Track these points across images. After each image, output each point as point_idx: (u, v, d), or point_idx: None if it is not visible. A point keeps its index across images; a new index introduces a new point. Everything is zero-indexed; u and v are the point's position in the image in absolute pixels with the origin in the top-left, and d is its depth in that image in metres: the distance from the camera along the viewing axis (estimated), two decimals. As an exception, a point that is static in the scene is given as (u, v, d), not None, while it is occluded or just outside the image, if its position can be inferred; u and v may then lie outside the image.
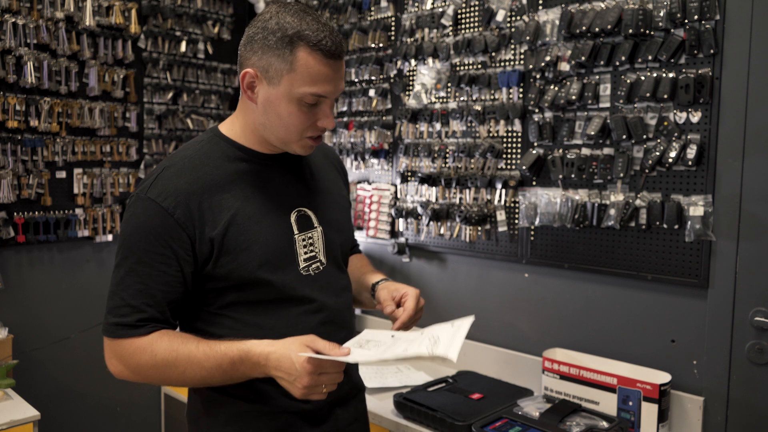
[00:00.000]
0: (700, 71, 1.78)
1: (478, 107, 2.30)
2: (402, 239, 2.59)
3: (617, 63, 1.91)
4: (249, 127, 1.29)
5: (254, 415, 1.28)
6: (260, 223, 1.25)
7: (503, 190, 2.25)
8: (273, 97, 1.22)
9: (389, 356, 1.12)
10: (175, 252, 1.19)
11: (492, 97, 2.29)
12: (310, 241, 1.31)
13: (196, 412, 1.34)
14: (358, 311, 2.71)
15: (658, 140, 1.85)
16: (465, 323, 1.22)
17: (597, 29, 1.93)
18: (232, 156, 1.28)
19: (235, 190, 1.25)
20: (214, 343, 1.18)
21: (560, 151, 2.09)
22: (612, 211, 1.94)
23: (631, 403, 1.82)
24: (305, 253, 1.30)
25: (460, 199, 2.38)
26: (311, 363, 1.10)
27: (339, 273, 1.40)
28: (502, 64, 2.25)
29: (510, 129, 2.24)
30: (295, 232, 1.29)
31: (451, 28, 2.39)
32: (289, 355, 1.12)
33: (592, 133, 1.96)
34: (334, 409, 1.36)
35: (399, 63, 2.58)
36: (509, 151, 2.25)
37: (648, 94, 1.84)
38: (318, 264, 1.32)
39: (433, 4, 2.46)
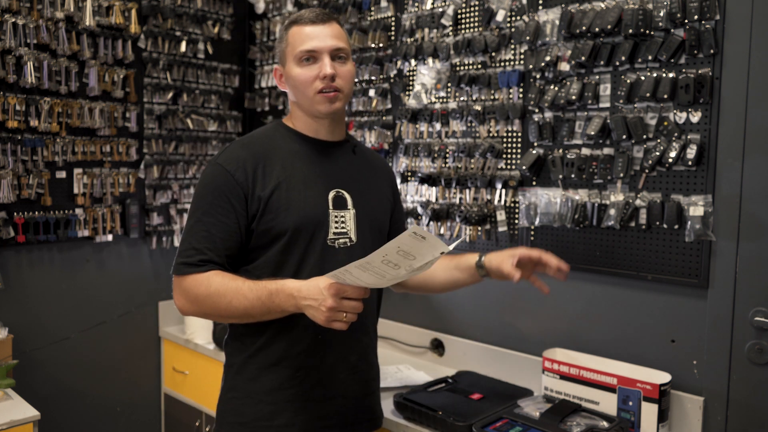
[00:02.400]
0: (700, 71, 1.78)
1: (478, 107, 2.30)
2: (402, 239, 2.59)
3: (617, 63, 1.91)
4: (296, 114, 1.59)
5: (261, 369, 1.51)
6: (301, 192, 1.50)
7: (503, 190, 2.25)
8: (287, 72, 1.55)
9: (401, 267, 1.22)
10: (233, 206, 1.46)
11: (492, 97, 2.29)
12: (343, 219, 1.54)
13: (225, 359, 1.62)
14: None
15: (658, 140, 1.85)
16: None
17: (597, 29, 1.93)
18: (288, 138, 1.57)
19: (286, 164, 1.52)
20: (258, 281, 1.40)
21: (560, 151, 2.09)
22: (612, 211, 1.94)
23: (631, 403, 1.82)
24: (336, 228, 1.53)
25: (460, 199, 2.38)
26: (334, 286, 1.29)
27: (365, 253, 1.52)
28: (502, 64, 2.25)
29: (510, 129, 2.24)
30: (330, 207, 1.53)
31: (451, 28, 2.39)
32: (317, 284, 1.32)
33: (592, 133, 1.96)
34: (338, 372, 1.55)
35: (399, 63, 2.58)
36: (509, 151, 2.25)
37: (648, 94, 1.84)
38: (346, 240, 1.54)
39: (433, 4, 2.46)
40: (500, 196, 2.26)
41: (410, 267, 1.23)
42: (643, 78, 1.87)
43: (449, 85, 2.41)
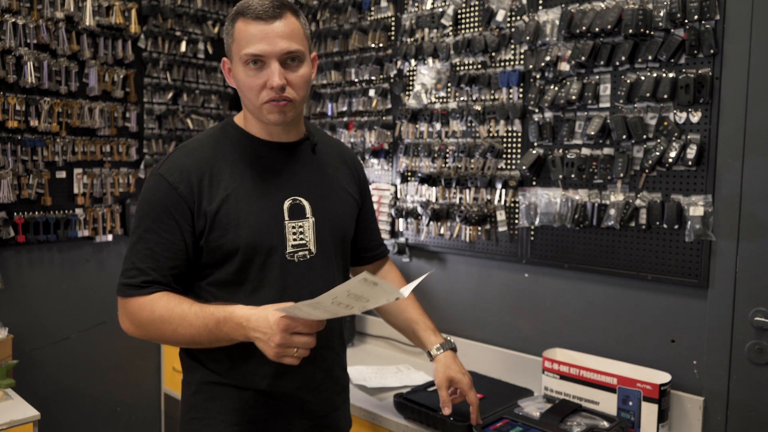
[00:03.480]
0: (700, 71, 1.78)
1: (478, 107, 2.30)
2: (402, 239, 2.59)
3: (617, 63, 1.91)
4: (247, 115, 1.43)
5: (222, 387, 1.41)
6: (252, 205, 1.36)
7: (503, 190, 2.25)
8: (234, 70, 1.37)
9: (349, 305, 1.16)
10: (178, 222, 1.33)
11: (492, 97, 2.29)
12: (301, 229, 1.41)
13: (183, 375, 1.50)
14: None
15: (658, 140, 1.85)
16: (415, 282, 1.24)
17: (597, 29, 1.93)
18: (237, 141, 1.41)
19: (235, 171, 1.37)
20: (206, 306, 1.29)
21: (560, 151, 2.09)
22: (612, 211, 1.94)
23: (631, 403, 1.82)
24: (294, 240, 1.40)
25: (460, 199, 2.38)
26: (284, 320, 1.18)
27: (327, 264, 1.48)
28: (502, 64, 2.25)
29: (510, 129, 2.24)
30: (286, 218, 1.39)
31: (451, 28, 2.39)
32: (266, 316, 1.21)
33: (592, 133, 1.97)
34: (303, 393, 1.45)
35: (399, 63, 2.58)
36: (509, 151, 2.25)
37: (648, 94, 1.84)
38: (306, 252, 1.42)
39: (433, 4, 2.46)
40: (500, 196, 2.26)
41: (363, 307, 1.17)
42: (643, 78, 1.87)
43: (449, 85, 2.41)
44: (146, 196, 1.36)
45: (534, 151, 2.14)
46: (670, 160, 1.81)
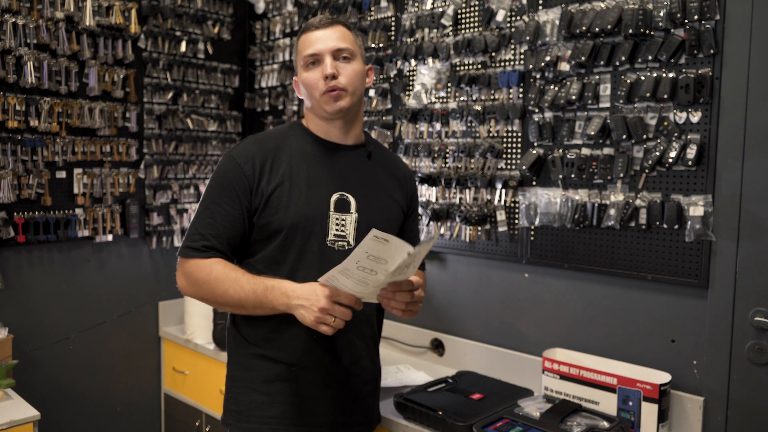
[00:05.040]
0: (700, 71, 1.78)
1: (478, 107, 2.30)
2: (402, 239, 2.59)
3: (617, 63, 1.91)
4: (309, 116, 1.64)
5: (257, 359, 1.57)
6: (303, 192, 1.54)
7: (503, 190, 2.25)
8: (298, 77, 1.61)
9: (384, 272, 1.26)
10: (239, 197, 1.52)
11: (492, 97, 2.29)
12: (343, 222, 1.56)
13: (228, 349, 1.67)
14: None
15: (658, 140, 1.85)
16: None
17: (597, 29, 1.93)
18: (300, 138, 1.61)
19: (293, 162, 1.56)
20: (257, 276, 1.47)
21: (560, 151, 2.09)
22: (612, 211, 1.94)
23: (631, 403, 1.82)
24: (336, 230, 1.55)
25: (460, 199, 2.38)
26: (329, 288, 1.35)
27: None
28: (502, 64, 2.25)
29: (510, 129, 2.24)
30: (331, 209, 1.56)
31: (451, 28, 2.39)
32: (312, 286, 1.39)
33: (592, 133, 1.97)
34: (331, 373, 1.57)
35: (399, 63, 2.58)
36: (509, 151, 2.25)
37: (648, 94, 1.84)
38: (344, 243, 1.56)
39: (433, 4, 2.46)
40: (500, 196, 2.26)
41: (386, 271, 1.26)
42: (643, 78, 1.87)
43: (449, 85, 2.41)
44: (217, 173, 1.56)
45: (534, 151, 2.14)
46: (670, 160, 1.81)
